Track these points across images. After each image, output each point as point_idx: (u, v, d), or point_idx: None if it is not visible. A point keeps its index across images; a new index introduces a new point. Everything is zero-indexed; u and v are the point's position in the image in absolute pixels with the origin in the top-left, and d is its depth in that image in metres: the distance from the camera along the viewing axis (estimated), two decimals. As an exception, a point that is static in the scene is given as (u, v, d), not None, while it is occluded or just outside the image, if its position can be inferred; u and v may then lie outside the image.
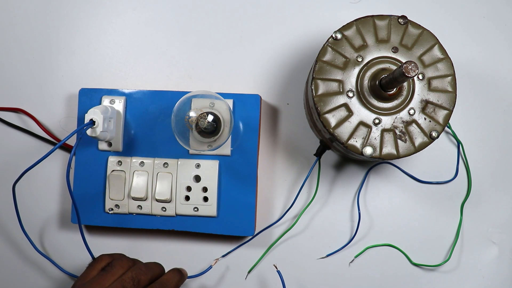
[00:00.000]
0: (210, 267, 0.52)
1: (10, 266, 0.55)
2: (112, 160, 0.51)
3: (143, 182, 0.50)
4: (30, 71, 0.56)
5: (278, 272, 0.49)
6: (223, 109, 0.48)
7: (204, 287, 0.53)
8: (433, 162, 0.52)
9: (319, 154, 0.49)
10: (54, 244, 0.55)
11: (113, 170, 0.51)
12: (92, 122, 0.46)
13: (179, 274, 0.47)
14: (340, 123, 0.42)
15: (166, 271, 0.47)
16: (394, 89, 0.42)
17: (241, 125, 0.51)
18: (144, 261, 0.51)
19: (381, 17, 0.43)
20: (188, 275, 0.50)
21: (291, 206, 0.51)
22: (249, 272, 0.52)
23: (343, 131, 0.42)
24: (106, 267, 0.44)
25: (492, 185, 0.52)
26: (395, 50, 0.43)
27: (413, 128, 0.42)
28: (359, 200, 0.52)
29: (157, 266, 0.46)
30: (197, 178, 0.51)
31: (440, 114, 0.42)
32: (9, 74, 0.56)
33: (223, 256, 0.53)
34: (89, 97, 0.52)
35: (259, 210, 0.52)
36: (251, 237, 0.52)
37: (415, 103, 0.42)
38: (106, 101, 0.51)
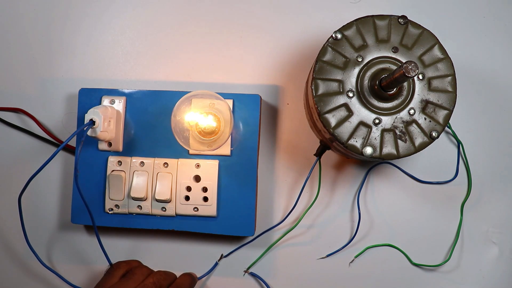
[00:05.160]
0: (216, 263, 0.52)
1: (8, 274, 0.55)
2: (112, 160, 0.51)
3: (143, 182, 0.50)
4: (30, 71, 0.56)
5: (252, 273, 0.52)
6: (223, 109, 0.48)
7: (203, 286, 0.53)
8: (433, 162, 0.52)
9: (319, 154, 0.49)
10: (55, 244, 0.55)
11: (113, 170, 0.51)
12: (92, 122, 0.46)
13: (191, 278, 0.49)
14: (340, 123, 0.42)
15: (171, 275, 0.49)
16: (394, 89, 0.42)
17: (241, 125, 0.51)
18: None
19: (381, 17, 0.43)
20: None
21: (294, 208, 0.51)
22: (247, 269, 0.52)
23: (343, 131, 0.42)
24: (127, 274, 0.46)
25: (492, 185, 0.52)
26: (395, 50, 0.43)
27: (413, 128, 0.42)
28: (359, 200, 0.52)
29: (172, 273, 0.49)
30: (197, 178, 0.51)
31: (440, 114, 0.42)
32: (9, 74, 0.56)
33: (225, 256, 0.53)
34: (89, 97, 0.52)
35: (259, 210, 0.52)
36: (253, 238, 0.52)
37: (415, 103, 0.42)
38: (106, 101, 0.51)
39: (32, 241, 0.50)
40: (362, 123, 0.42)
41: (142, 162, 0.51)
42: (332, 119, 0.42)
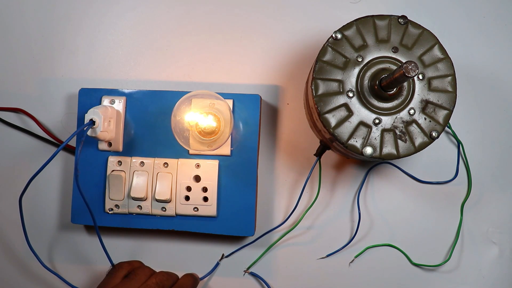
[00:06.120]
0: (218, 263, 0.52)
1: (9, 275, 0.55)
2: (112, 160, 0.51)
3: (143, 182, 0.50)
4: (30, 71, 0.56)
5: (252, 273, 0.52)
6: (223, 109, 0.48)
7: (204, 286, 0.53)
8: (433, 162, 0.52)
9: (319, 154, 0.49)
10: (55, 245, 0.55)
11: (113, 170, 0.51)
12: (92, 122, 0.46)
13: (193, 278, 0.49)
14: (340, 123, 0.42)
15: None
16: (394, 89, 0.42)
17: (241, 125, 0.51)
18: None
19: (381, 17, 0.43)
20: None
21: (295, 208, 0.51)
22: (247, 269, 0.52)
23: (343, 131, 0.42)
24: (129, 274, 0.45)
25: (492, 185, 0.52)
26: (395, 50, 0.43)
27: (413, 128, 0.42)
28: (359, 200, 0.52)
29: (174, 274, 0.49)
30: (197, 178, 0.51)
31: (440, 114, 0.42)
32: (9, 74, 0.56)
33: (227, 256, 0.53)
34: (89, 97, 0.52)
35: (259, 210, 0.52)
36: (254, 238, 0.52)
37: (415, 103, 0.42)
38: (106, 101, 0.51)
39: (32, 241, 0.50)
40: (362, 123, 0.42)
41: (142, 162, 0.51)
42: (332, 119, 0.42)
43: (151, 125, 0.51)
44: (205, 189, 0.50)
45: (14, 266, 0.55)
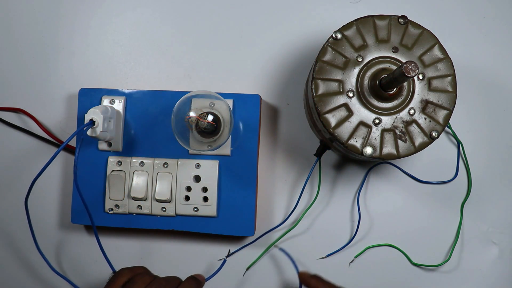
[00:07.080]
0: (225, 260, 0.52)
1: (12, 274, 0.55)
2: (112, 160, 0.51)
3: (143, 182, 0.50)
4: (30, 71, 0.56)
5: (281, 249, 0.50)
6: (223, 109, 0.48)
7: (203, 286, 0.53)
8: (433, 162, 0.52)
9: (319, 154, 0.49)
10: (54, 244, 0.55)
11: (113, 170, 0.51)
12: (92, 122, 0.46)
13: (195, 281, 0.47)
14: (340, 123, 0.42)
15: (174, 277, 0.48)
16: (394, 89, 0.42)
17: (241, 125, 0.51)
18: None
19: (381, 17, 0.43)
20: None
21: (295, 208, 0.51)
22: (247, 269, 0.52)
23: (343, 131, 0.42)
24: (128, 282, 0.44)
25: (492, 185, 0.52)
26: (395, 50, 0.43)
27: (413, 128, 0.42)
28: (359, 200, 0.52)
29: (175, 279, 0.47)
30: (197, 178, 0.51)
31: (440, 114, 0.42)
32: (9, 74, 0.56)
33: (227, 256, 0.53)
34: (89, 97, 0.52)
35: (259, 210, 0.52)
36: (254, 238, 0.52)
37: (415, 103, 0.42)
38: (106, 101, 0.51)
39: (32, 241, 0.50)
40: (362, 123, 0.42)
41: (142, 162, 0.51)
42: (332, 119, 0.42)
43: (151, 125, 0.51)
44: (205, 189, 0.50)
45: (15, 265, 0.55)
